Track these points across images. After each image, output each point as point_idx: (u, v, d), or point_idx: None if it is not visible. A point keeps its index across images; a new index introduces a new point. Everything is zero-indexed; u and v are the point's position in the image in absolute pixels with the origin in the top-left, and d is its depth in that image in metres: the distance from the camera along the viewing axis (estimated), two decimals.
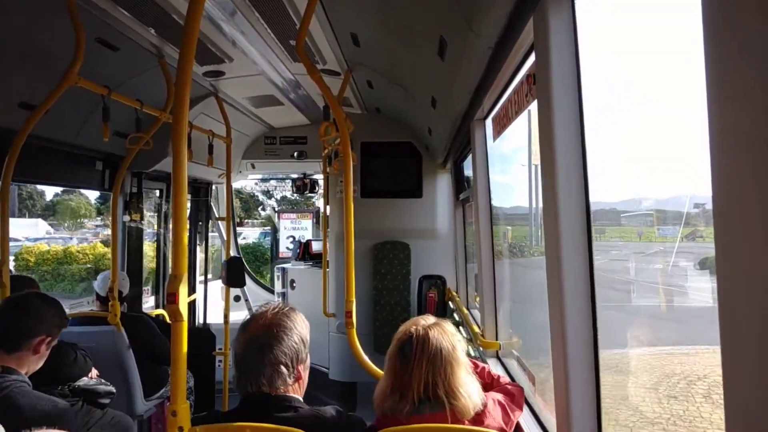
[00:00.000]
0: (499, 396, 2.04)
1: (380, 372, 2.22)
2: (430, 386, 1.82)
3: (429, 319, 2.00)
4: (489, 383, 2.20)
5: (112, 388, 3.48)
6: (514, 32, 1.82)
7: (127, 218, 4.92)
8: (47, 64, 3.03)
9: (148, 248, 5.91)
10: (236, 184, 8.12)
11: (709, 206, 0.87)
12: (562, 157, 1.44)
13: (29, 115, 2.95)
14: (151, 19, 3.08)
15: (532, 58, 1.75)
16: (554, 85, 1.44)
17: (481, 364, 2.26)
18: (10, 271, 3.10)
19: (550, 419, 2.09)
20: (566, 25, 1.43)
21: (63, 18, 2.68)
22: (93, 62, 3.05)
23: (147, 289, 5.91)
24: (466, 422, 1.84)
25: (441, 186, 5.82)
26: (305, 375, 1.89)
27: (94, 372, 3.37)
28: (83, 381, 3.33)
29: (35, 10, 2.71)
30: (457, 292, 5.24)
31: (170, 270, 1.76)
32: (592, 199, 1.45)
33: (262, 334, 1.80)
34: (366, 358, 2.73)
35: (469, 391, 1.85)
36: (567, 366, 1.47)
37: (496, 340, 3.14)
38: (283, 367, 1.78)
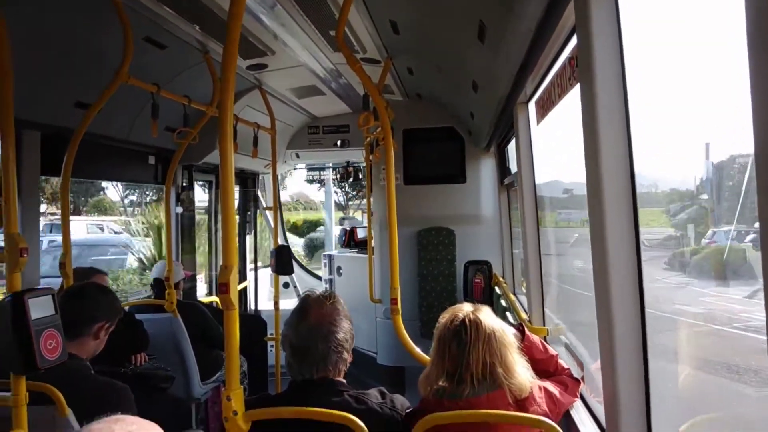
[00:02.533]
0: (549, 384, 2.04)
1: (426, 357, 2.25)
2: (488, 367, 1.89)
3: (469, 306, 2.04)
4: (546, 359, 2.21)
5: (172, 373, 3.67)
6: (556, 13, 1.77)
7: (180, 209, 5.11)
8: (99, 65, 3.16)
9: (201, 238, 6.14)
10: None
11: None
12: (606, 143, 1.40)
13: (84, 114, 3.09)
14: (196, 17, 3.16)
15: (574, 40, 1.70)
16: (597, 68, 1.40)
17: (536, 339, 2.27)
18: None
19: (599, 407, 2.07)
20: (608, 5, 1.38)
21: (112, 19, 2.79)
22: (141, 61, 3.16)
23: (201, 276, 6.15)
24: (512, 407, 1.86)
25: (485, 170, 5.74)
26: (349, 359, 1.98)
27: (142, 356, 3.56)
28: (144, 366, 3.54)
29: (85, 12, 2.83)
30: (503, 278, 5.19)
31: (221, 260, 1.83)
32: (638, 183, 1.42)
33: (325, 322, 1.89)
34: (412, 343, 2.76)
35: (522, 371, 1.93)
36: (614, 354, 1.44)
37: (544, 326, 3.11)
38: (345, 353, 1.89)
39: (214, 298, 5.31)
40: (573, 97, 1.88)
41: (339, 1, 2.86)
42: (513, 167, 4.68)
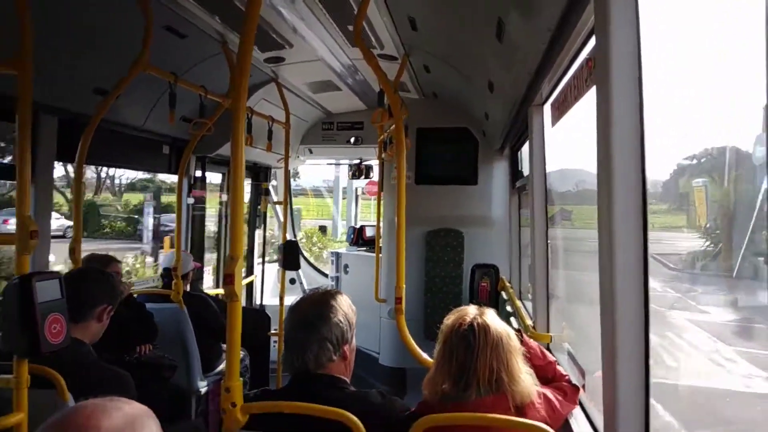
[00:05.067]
0: (548, 391, 2.02)
1: (429, 360, 2.23)
2: (494, 373, 1.87)
3: (474, 309, 2.01)
4: (544, 366, 2.19)
5: (176, 363, 3.68)
6: (575, 13, 1.74)
7: (191, 200, 5.14)
8: (119, 52, 3.17)
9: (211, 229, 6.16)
10: None
11: None
12: (619, 147, 1.37)
13: (102, 101, 3.11)
14: (216, 7, 3.17)
15: (592, 41, 1.68)
16: (613, 71, 1.37)
17: (534, 344, 2.25)
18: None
19: (598, 417, 2.04)
20: (629, 7, 1.36)
21: (133, 6, 2.80)
22: (161, 49, 3.17)
23: (209, 269, 6.17)
24: (512, 412, 1.84)
25: (497, 173, 5.71)
26: (352, 357, 1.94)
27: (148, 346, 3.58)
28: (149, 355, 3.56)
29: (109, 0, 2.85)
30: (510, 283, 5.16)
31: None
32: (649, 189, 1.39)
33: (310, 313, 1.87)
34: (415, 345, 2.74)
35: (526, 377, 1.92)
36: (616, 362, 1.42)
37: (548, 332, 3.07)
38: (328, 344, 1.84)
39: (221, 290, 5.33)
40: (589, 100, 1.85)
41: None
42: (526, 170, 4.65)
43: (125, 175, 23.77)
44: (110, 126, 3.69)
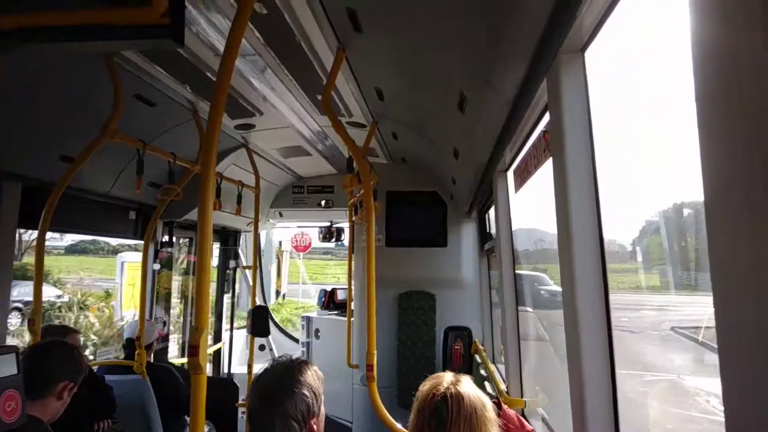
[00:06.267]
0: None
1: (402, 429, 2.17)
2: None
3: (450, 377, 1.98)
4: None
5: None
6: (531, 90, 1.85)
7: (157, 266, 5.03)
8: (87, 119, 3.18)
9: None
10: None
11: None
12: (577, 213, 1.44)
13: (68, 168, 3.08)
14: (187, 77, 3.25)
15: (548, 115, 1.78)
16: (567, 143, 1.46)
17: (511, 413, 2.22)
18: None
19: None
20: (578, 84, 1.46)
21: (103, 76, 2.84)
22: (130, 117, 3.20)
23: (174, 337, 5.97)
24: None
25: (466, 235, 5.79)
26: (321, 427, 1.86)
27: (107, 422, 3.40)
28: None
29: (76, 67, 2.87)
30: (483, 345, 5.13)
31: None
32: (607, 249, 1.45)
33: (273, 388, 1.79)
34: (387, 414, 2.68)
35: None
36: (584, 415, 1.42)
37: (521, 397, 3.04)
38: (293, 422, 1.75)
39: (185, 360, 5.14)
40: (548, 168, 1.94)
41: (327, 68, 2.97)
42: (494, 232, 4.74)
43: None
44: (75, 192, 3.65)
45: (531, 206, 2.98)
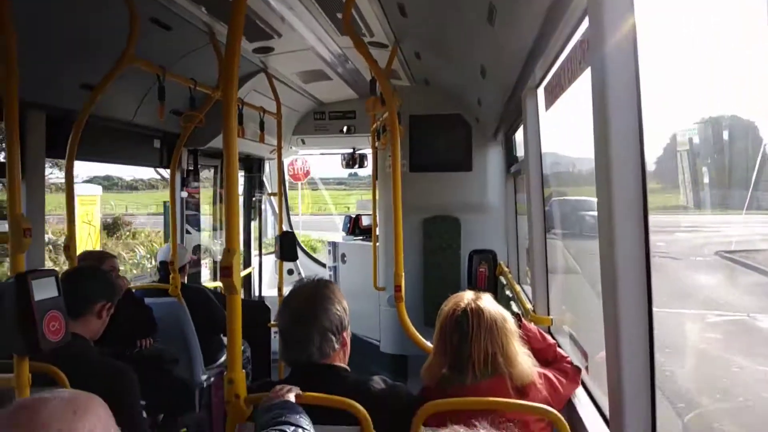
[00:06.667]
0: (550, 372, 2.04)
1: (429, 345, 2.24)
2: (490, 356, 1.89)
3: (471, 294, 2.02)
4: (544, 348, 2.20)
5: (177, 356, 3.69)
6: None
7: (185, 194, 5.11)
8: (105, 46, 3.13)
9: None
10: None
11: None
12: (616, 127, 1.37)
13: (89, 96, 3.07)
14: None
15: (586, 22, 1.66)
16: (608, 52, 1.36)
17: (533, 327, 2.27)
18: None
19: (603, 398, 2.05)
20: None
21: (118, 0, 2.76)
22: (147, 42, 3.13)
23: (206, 262, 6.16)
24: (512, 394, 1.86)
25: (492, 159, 5.70)
26: (348, 342, 1.96)
27: (148, 340, 3.59)
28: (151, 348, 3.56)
29: None
30: (508, 268, 5.17)
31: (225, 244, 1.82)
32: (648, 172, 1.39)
33: (307, 307, 1.88)
34: (415, 331, 2.75)
35: (524, 359, 1.94)
36: (619, 342, 1.42)
37: (548, 315, 3.09)
38: (331, 335, 1.86)
39: (219, 283, 5.32)
40: (583, 82, 1.84)
41: None
42: (520, 155, 4.64)
43: None
44: (99, 121, 3.65)
45: (563, 125, 2.87)
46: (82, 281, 2.51)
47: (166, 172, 4.78)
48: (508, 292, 4.29)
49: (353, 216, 7.30)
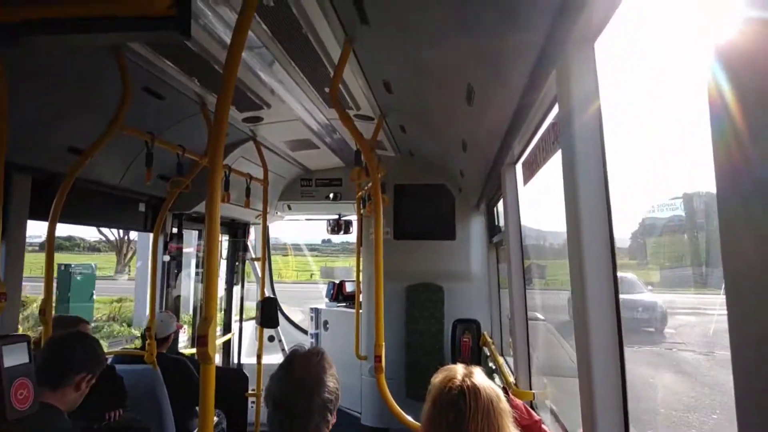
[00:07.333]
0: None
1: (410, 420, 2.19)
2: None
3: (462, 369, 1.98)
4: (530, 425, 2.16)
5: (147, 427, 3.53)
6: (540, 81, 1.84)
7: (167, 258, 5.07)
8: (96, 111, 3.19)
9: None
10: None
11: None
12: (586, 207, 1.43)
13: (77, 160, 3.10)
14: (194, 70, 3.25)
15: (557, 107, 1.76)
16: (576, 135, 1.44)
17: (519, 402, 2.23)
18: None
19: None
20: (588, 76, 1.44)
21: (111, 66, 2.85)
22: (139, 109, 3.21)
23: (184, 328, 6.01)
24: None
25: (475, 228, 5.78)
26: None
27: (118, 412, 3.44)
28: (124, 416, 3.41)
29: (86, 61, 2.89)
30: (491, 338, 5.13)
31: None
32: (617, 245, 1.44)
33: (311, 378, 1.83)
34: (395, 404, 2.69)
35: None
36: (595, 415, 1.42)
37: (530, 389, 3.04)
38: (329, 414, 1.82)
39: (194, 351, 5.18)
40: (558, 160, 1.93)
41: (334, 60, 2.96)
42: (503, 225, 4.72)
43: None
44: (85, 184, 3.67)
45: (539, 199, 2.96)
46: (67, 349, 2.42)
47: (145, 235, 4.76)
48: (491, 364, 4.23)
49: (337, 282, 7.26)
